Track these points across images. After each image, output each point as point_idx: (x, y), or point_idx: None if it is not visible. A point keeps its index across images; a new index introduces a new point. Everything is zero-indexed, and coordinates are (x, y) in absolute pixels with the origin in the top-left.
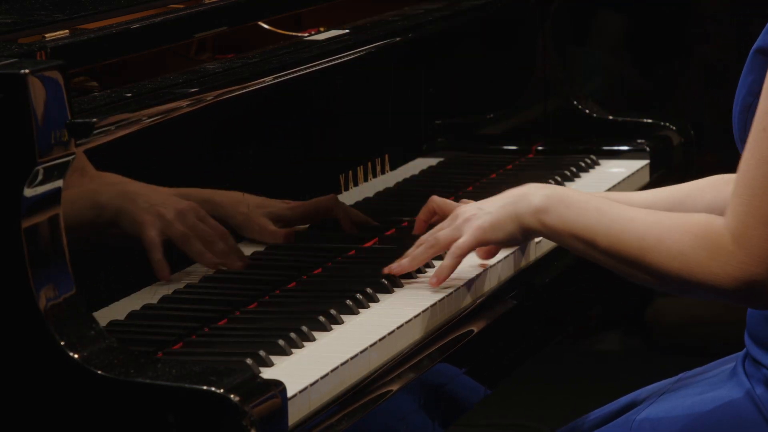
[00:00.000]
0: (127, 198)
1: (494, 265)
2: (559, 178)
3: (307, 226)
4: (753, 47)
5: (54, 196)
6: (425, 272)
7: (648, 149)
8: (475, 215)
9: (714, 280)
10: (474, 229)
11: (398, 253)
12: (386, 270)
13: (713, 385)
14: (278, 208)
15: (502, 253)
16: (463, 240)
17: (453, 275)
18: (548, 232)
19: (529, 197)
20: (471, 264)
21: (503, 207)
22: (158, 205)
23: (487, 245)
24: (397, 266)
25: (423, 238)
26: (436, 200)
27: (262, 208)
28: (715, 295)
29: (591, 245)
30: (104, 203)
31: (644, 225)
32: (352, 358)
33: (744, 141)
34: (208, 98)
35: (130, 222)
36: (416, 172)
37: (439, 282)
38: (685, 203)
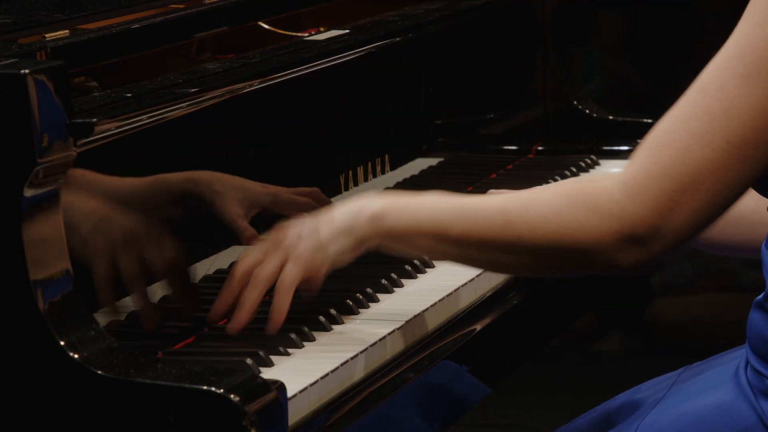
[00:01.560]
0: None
1: None
2: (558, 178)
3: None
4: None
5: (54, 196)
6: (425, 272)
7: None
8: (299, 237)
9: (595, 235)
10: (300, 255)
11: None
12: (230, 329)
13: (715, 387)
14: (258, 193)
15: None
16: (289, 272)
17: (453, 275)
18: (391, 237)
19: (364, 207)
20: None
21: (330, 224)
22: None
23: (317, 269)
24: (233, 327)
25: (236, 279)
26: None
27: (241, 191)
28: (591, 260)
29: (442, 237)
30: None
31: (502, 199)
32: (352, 357)
33: None
34: (208, 98)
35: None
36: (416, 172)
37: (275, 327)
38: None
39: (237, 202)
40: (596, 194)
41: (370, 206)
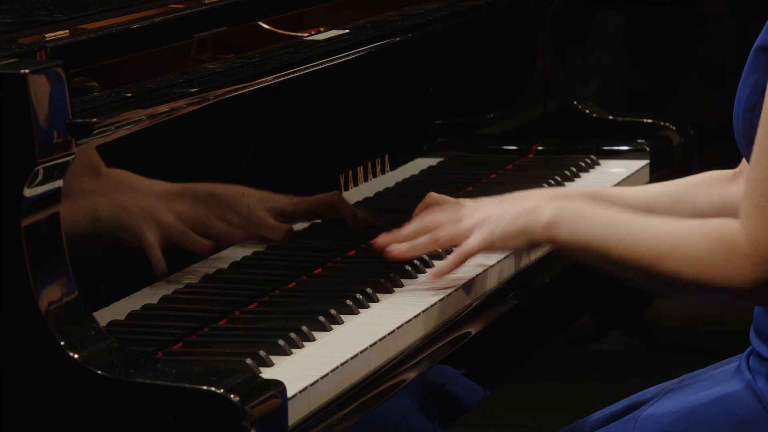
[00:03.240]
0: (121, 209)
1: (495, 264)
2: (559, 178)
3: (308, 224)
4: (754, 45)
5: (54, 196)
6: (425, 272)
7: (648, 149)
8: (487, 221)
9: (730, 284)
10: (485, 236)
11: None
12: (379, 244)
13: (716, 383)
14: (281, 203)
15: (503, 253)
16: (473, 244)
17: (452, 275)
18: (559, 246)
19: (540, 211)
20: (471, 264)
21: (515, 220)
22: (151, 207)
23: (491, 252)
24: (396, 250)
25: (423, 225)
26: (434, 196)
27: (264, 202)
28: (731, 298)
29: (604, 257)
30: (102, 217)
31: (658, 233)
32: (352, 358)
33: (748, 139)
34: (208, 98)
35: (129, 233)
36: (416, 172)
37: (438, 276)
38: (684, 201)
39: (262, 210)
40: (731, 243)
41: (546, 210)
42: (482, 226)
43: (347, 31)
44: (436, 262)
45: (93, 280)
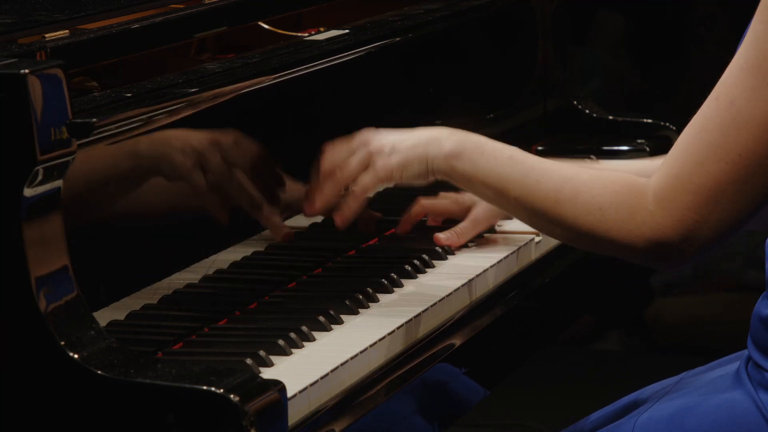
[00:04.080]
0: (164, 143)
1: (495, 264)
2: None
3: (308, 224)
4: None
5: (54, 196)
6: (425, 272)
7: (648, 149)
8: (382, 151)
9: (627, 239)
10: (380, 168)
11: (399, 253)
12: (306, 211)
13: (717, 388)
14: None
15: (503, 253)
16: (369, 179)
17: (452, 275)
18: (458, 178)
19: (441, 140)
20: (472, 264)
21: (413, 147)
22: (194, 141)
23: (389, 184)
24: (309, 209)
25: (323, 172)
26: (424, 202)
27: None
28: (622, 252)
29: (502, 194)
30: (142, 152)
31: (561, 177)
32: (352, 358)
33: None
34: (208, 98)
35: (170, 166)
36: None
37: (343, 222)
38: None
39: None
40: (636, 197)
41: (448, 140)
42: (379, 157)
43: (347, 31)
44: (436, 263)
45: (93, 280)
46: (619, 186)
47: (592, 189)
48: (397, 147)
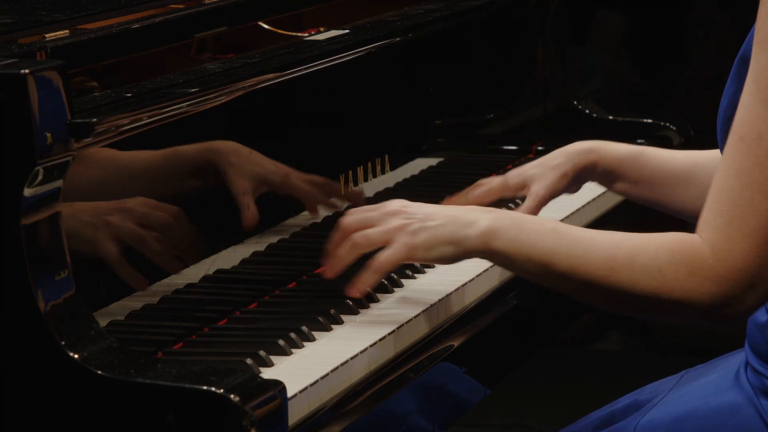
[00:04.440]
0: (77, 222)
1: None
2: None
3: (308, 224)
4: (738, 54)
5: (54, 196)
6: (425, 272)
7: None
8: (408, 226)
9: (691, 296)
10: (403, 246)
11: None
12: (325, 274)
13: (717, 390)
14: (270, 171)
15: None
16: (389, 256)
17: (453, 275)
18: (497, 257)
19: (474, 219)
20: (472, 263)
21: (442, 226)
22: (103, 214)
23: (410, 261)
24: (327, 272)
25: (341, 232)
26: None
27: (255, 165)
28: (689, 313)
29: (549, 269)
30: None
31: (612, 244)
32: (352, 358)
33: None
34: (208, 98)
35: (87, 245)
36: (416, 172)
37: (353, 293)
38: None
39: (249, 176)
40: (693, 254)
41: (482, 219)
42: (403, 233)
43: (347, 31)
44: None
45: (93, 280)
46: (674, 244)
47: (647, 251)
48: (423, 225)
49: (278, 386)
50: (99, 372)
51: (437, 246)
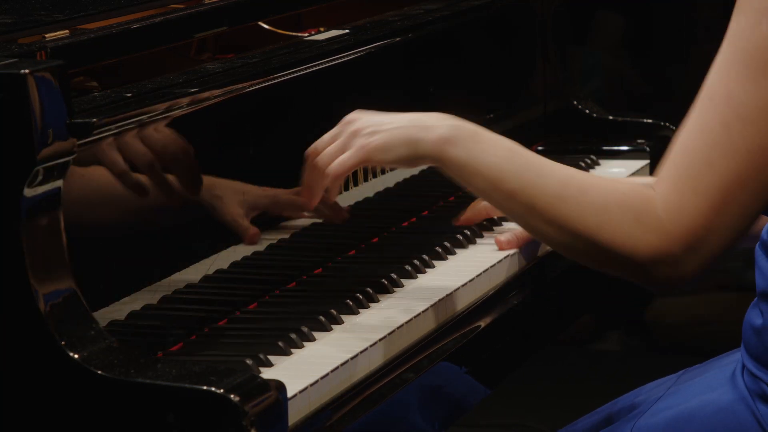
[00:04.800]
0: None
1: (498, 263)
2: None
3: (308, 224)
4: None
5: (54, 196)
6: (425, 272)
7: (648, 149)
8: (363, 130)
9: (631, 246)
10: (359, 149)
11: (399, 253)
12: (306, 207)
13: (713, 388)
14: (257, 195)
15: (506, 252)
16: (346, 158)
17: (453, 275)
18: (449, 164)
19: (432, 124)
20: (473, 263)
21: (398, 128)
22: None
23: (370, 165)
24: (302, 201)
25: (309, 163)
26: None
27: (240, 194)
28: (623, 265)
29: (497, 186)
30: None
31: (566, 174)
32: (352, 358)
33: None
34: (208, 98)
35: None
36: (416, 172)
37: (311, 200)
38: None
39: (237, 203)
40: (644, 203)
41: (441, 125)
42: (358, 137)
43: (347, 31)
44: (436, 263)
45: (93, 280)
46: (628, 189)
47: (598, 189)
48: (379, 127)
49: (278, 386)
50: (99, 372)
51: (393, 147)
